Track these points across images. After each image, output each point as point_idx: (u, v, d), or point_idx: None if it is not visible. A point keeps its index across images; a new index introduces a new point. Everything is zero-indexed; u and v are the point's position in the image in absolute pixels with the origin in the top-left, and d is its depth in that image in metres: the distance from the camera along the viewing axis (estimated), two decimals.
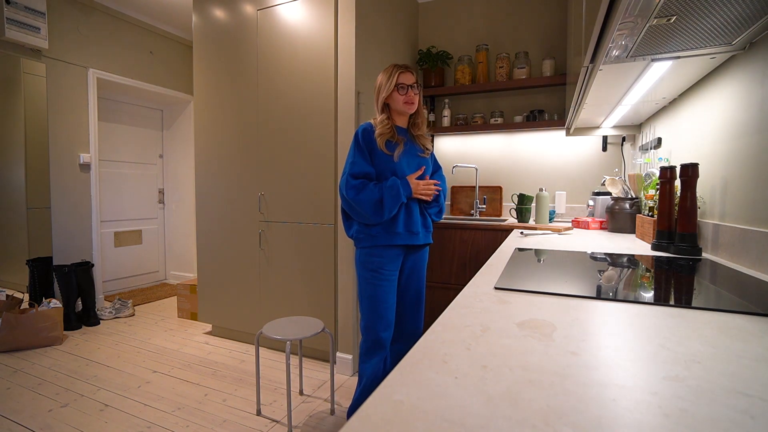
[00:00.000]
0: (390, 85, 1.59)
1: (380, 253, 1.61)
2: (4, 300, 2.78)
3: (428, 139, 1.74)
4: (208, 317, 2.83)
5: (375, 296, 1.61)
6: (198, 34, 2.71)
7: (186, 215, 4.24)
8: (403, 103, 1.60)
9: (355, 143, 1.60)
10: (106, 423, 1.77)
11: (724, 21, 0.92)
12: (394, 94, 1.60)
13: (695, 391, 0.39)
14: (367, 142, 1.60)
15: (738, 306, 0.69)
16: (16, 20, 2.71)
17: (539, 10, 2.79)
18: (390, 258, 1.62)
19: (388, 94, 1.60)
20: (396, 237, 1.60)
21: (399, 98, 1.60)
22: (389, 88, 1.59)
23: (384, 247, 1.61)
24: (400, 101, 1.60)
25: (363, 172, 1.58)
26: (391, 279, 1.63)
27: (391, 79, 1.59)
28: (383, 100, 1.62)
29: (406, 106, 1.61)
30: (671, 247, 1.31)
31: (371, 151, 1.60)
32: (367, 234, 1.60)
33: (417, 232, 1.65)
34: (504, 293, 0.79)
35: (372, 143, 1.59)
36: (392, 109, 1.64)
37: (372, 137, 1.60)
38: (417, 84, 1.63)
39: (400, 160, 1.60)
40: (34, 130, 2.97)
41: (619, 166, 2.62)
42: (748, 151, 1.12)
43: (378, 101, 1.64)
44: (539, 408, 0.36)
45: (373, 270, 1.61)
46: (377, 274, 1.61)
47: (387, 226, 1.60)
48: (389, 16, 2.62)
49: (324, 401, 1.97)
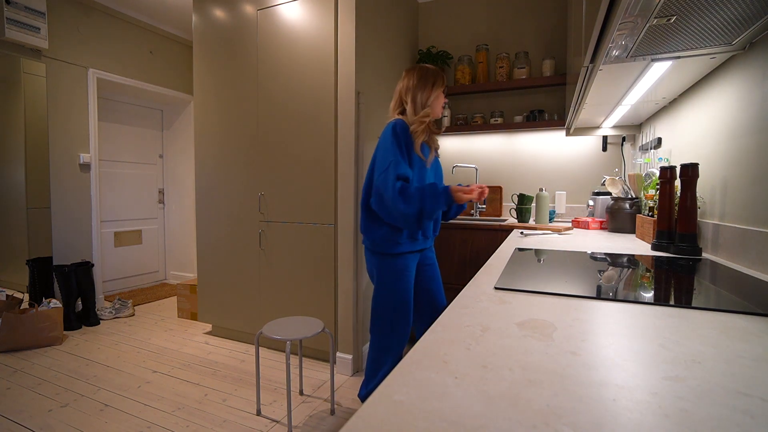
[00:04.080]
0: (442, 84, 1.57)
1: (404, 261, 1.59)
2: (4, 300, 2.78)
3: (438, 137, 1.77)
4: (208, 317, 2.83)
5: (403, 301, 1.59)
6: (198, 34, 2.71)
7: (186, 215, 4.24)
8: (440, 107, 1.60)
9: (395, 139, 1.48)
10: (106, 423, 1.77)
11: (724, 21, 0.92)
12: (441, 96, 1.58)
13: (695, 391, 0.39)
14: (406, 140, 1.51)
15: (738, 306, 0.69)
16: (16, 20, 2.71)
17: (539, 10, 2.79)
18: (412, 264, 1.62)
19: (435, 96, 1.56)
20: (416, 243, 1.61)
21: (442, 101, 1.59)
22: (437, 90, 1.56)
23: (408, 254, 1.60)
24: (440, 105, 1.59)
25: (405, 174, 1.46)
26: (412, 285, 1.63)
27: (440, 82, 1.57)
28: (426, 100, 1.55)
29: (441, 111, 1.62)
30: (671, 247, 1.31)
31: (408, 152, 1.52)
32: (394, 242, 1.55)
33: (429, 236, 1.69)
34: (504, 293, 0.79)
35: (410, 144, 1.52)
36: (431, 110, 1.57)
37: (410, 137, 1.52)
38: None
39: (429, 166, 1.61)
40: (34, 130, 2.97)
41: (619, 166, 2.62)
42: (748, 151, 1.12)
43: (416, 100, 1.55)
44: (539, 408, 0.36)
45: (398, 277, 1.58)
46: (401, 281, 1.58)
47: (412, 233, 1.58)
48: (389, 16, 2.62)
49: (324, 401, 1.97)
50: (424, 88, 1.56)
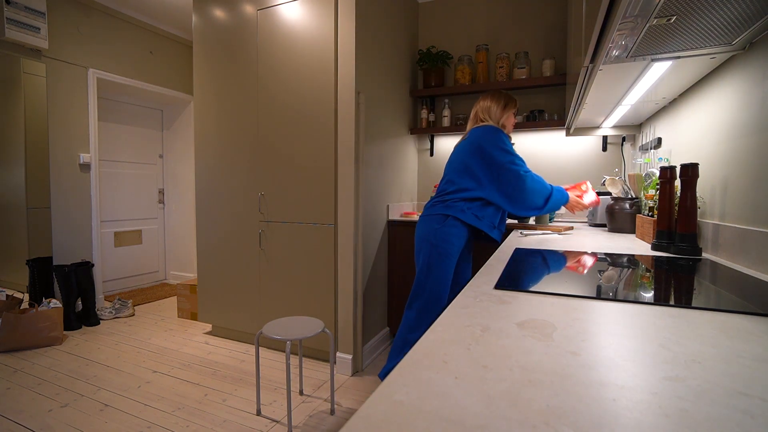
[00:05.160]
0: (515, 106, 1.93)
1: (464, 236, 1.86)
2: (4, 300, 2.78)
3: None
4: (208, 317, 2.83)
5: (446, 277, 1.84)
6: (198, 34, 2.71)
7: (186, 215, 4.24)
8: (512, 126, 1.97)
9: (507, 141, 1.82)
10: (106, 423, 1.77)
11: (724, 21, 0.92)
12: (512, 117, 1.94)
13: (695, 391, 0.39)
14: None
15: (738, 306, 0.69)
16: (16, 20, 2.71)
17: (539, 10, 2.79)
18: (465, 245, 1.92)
19: (512, 112, 1.93)
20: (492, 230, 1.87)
21: (513, 122, 1.97)
22: (514, 109, 1.93)
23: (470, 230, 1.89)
24: (512, 125, 1.97)
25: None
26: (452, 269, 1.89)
27: (516, 104, 1.95)
28: (507, 116, 1.92)
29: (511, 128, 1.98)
30: (671, 247, 1.31)
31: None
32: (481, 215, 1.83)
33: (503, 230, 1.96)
34: (504, 293, 0.79)
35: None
36: (505, 126, 1.93)
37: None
38: None
39: None
40: (34, 130, 2.97)
41: (619, 166, 2.62)
42: (748, 151, 1.12)
43: (502, 116, 1.91)
44: (539, 408, 0.36)
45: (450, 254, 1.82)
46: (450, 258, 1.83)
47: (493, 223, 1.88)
48: (389, 16, 2.62)
49: (324, 401, 1.97)
50: (509, 108, 1.93)
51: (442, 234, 1.80)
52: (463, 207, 1.80)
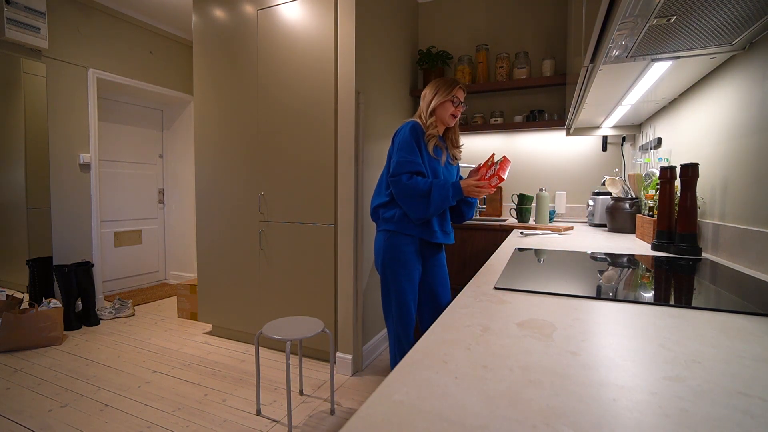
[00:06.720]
0: (448, 94, 1.65)
1: (408, 243, 1.63)
2: (4, 300, 2.78)
3: (460, 152, 1.84)
4: (208, 317, 2.83)
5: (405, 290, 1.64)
6: (198, 34, 2.71)
7: (186, 215, 4.24)
8: (450, 114, 1.67)
9: (411, 137, 1.59)
10: (106, 423, 1.77)
11: (724, 21, 0.92)
12: (447, 104, 1.66)
13: (695, 391, 0.39)
14: (416, 140, 1.61)
15: (738, 306, 0.69)
16: (16, 20, 2.71)
17: (539, 10, 2.79)
18: (416, 252, 1.66)
19: (443, 100, 1.65)
20: (427, 232, 1.64)
21: (449, 109, 1.66)
22: (446, 96, 1.65)
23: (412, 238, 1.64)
24: (448, 112, 1.67)
25: (418, 170, 1.58)
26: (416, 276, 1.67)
27: (451, 90, 1.65)
28: (435, 104, 1.66)
29: (450, 118, 1.68)
30: (671, 247, 1.31)
31: (420, 150, 1.63)
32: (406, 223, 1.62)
33: (449, 231, 1.74)
34: (504, 293, 0.79)
35: (421, 143, 1.62)
36: (436, 116, 1.68)
37: (422, 137, 1.63)
38: (462, 104, 1.71)
39: (443, 167, 1.68)
40: (34, 130, 2.97)
41: (619, 166, 2.62)
42: (748, 151, 1.12)
43: (429, 105, 1.67)
44: (539, 408, 0.36)
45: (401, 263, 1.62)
46: (405, 268, 1.63)
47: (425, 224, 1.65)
48: (389, 16, 2.62)
49: (324, 401, 1.97)
50: (440, 93, 1.66)
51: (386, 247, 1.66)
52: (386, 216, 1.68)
